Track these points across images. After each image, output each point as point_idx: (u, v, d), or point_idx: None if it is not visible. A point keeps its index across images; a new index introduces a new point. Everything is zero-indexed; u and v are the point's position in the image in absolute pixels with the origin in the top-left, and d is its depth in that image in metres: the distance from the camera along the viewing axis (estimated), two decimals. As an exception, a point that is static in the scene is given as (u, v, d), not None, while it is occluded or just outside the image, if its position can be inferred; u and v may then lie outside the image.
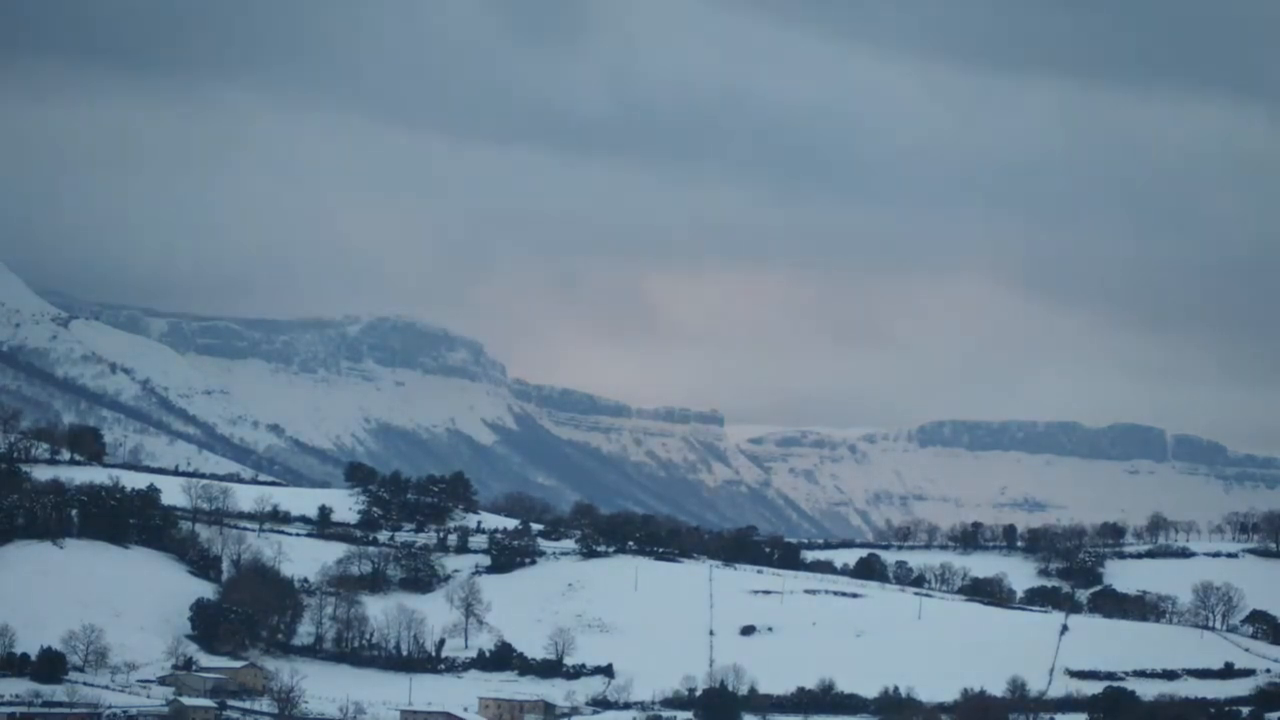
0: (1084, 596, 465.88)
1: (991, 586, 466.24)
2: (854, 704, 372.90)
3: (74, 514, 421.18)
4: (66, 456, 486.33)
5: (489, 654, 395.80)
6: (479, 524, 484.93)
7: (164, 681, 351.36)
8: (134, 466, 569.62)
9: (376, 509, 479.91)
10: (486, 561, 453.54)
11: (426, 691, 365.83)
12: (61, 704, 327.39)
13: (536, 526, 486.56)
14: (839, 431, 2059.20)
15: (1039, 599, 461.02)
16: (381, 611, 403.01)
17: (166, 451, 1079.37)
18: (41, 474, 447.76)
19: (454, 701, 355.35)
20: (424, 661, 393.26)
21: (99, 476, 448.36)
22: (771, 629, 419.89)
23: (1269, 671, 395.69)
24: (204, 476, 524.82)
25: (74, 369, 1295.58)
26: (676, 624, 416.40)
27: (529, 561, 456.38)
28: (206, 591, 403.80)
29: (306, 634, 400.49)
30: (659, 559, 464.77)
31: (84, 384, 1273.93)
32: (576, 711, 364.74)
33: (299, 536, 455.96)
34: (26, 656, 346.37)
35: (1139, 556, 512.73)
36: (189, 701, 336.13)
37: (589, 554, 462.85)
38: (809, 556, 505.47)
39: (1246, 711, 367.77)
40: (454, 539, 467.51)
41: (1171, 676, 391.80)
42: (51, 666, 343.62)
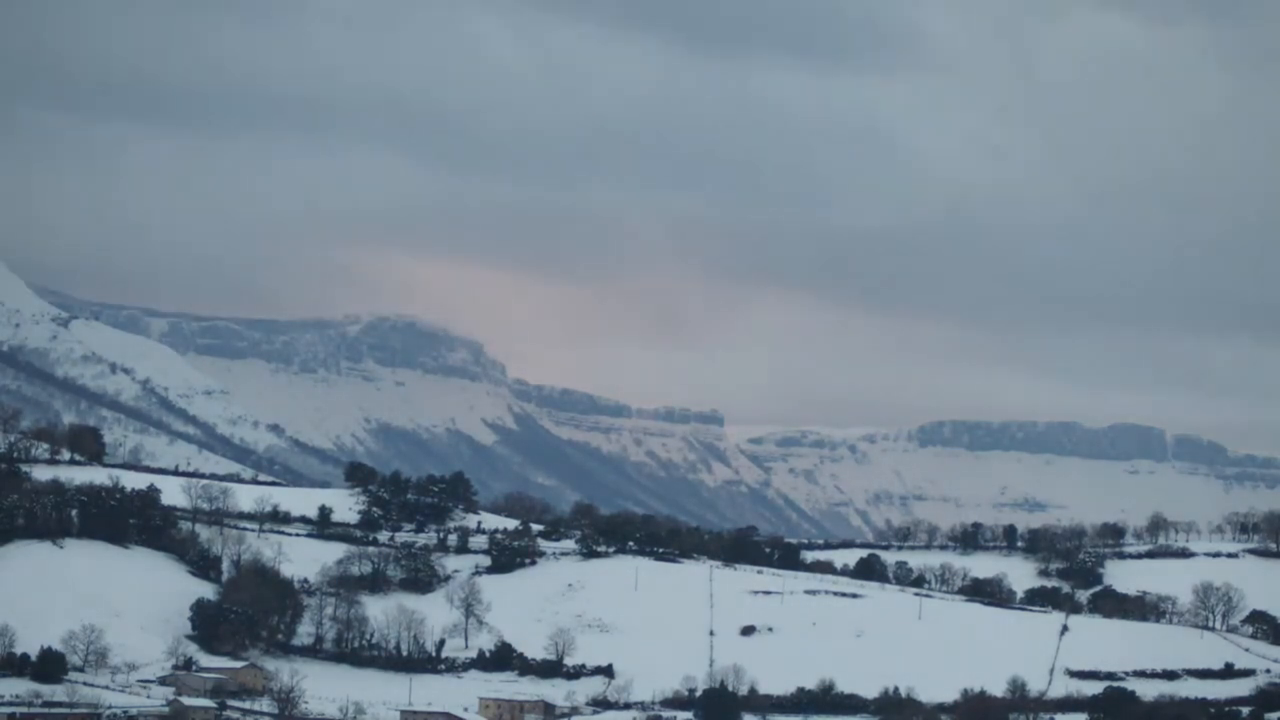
0: (1084, 597, 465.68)
1: (991, 587, 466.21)
2: (854, 704, 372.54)
3: (74, 514, 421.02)
4: (66, 456, 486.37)
5: (489, 654, 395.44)
6: (479, 524, 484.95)
7: (164, 681, 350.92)
8: (134, 466, 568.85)
9: (376, 509, 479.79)
10: (486, 562, 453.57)
11: (426, 692, 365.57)
12: (61, 704, 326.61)
13: (536, 527, 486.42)
14: (839, 431, 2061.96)
15: (1039, 599, 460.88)
16: (381, 612, 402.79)
17: (166, 451, 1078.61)
18: (41, 474, 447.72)
19: (454, 702, 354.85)
20: (424, 662, 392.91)
21: (99, 476, 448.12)
22: (771, 629, 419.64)
23: (1269, 671, 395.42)
24: (204, 476, 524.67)
25: (74, 369, 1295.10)
26: (676, 624, 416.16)
27: (529, 562, 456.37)
28: (206, 592, 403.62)
29: (306, 634, 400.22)
30: (659, 559, 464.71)
31: (84, 384, 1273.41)
32: (576, 712, 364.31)
33: (299, 537, 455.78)
34: (26, 656, 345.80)
35: (1139, 556, 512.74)
36: (189, 702, 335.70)
37: (589, 554, 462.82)
38: (809, 557, 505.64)
39: (1246, 712, 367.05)
40: (454, 539, 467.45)
41: (1171, 676, 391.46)
42: (51, 666, 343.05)
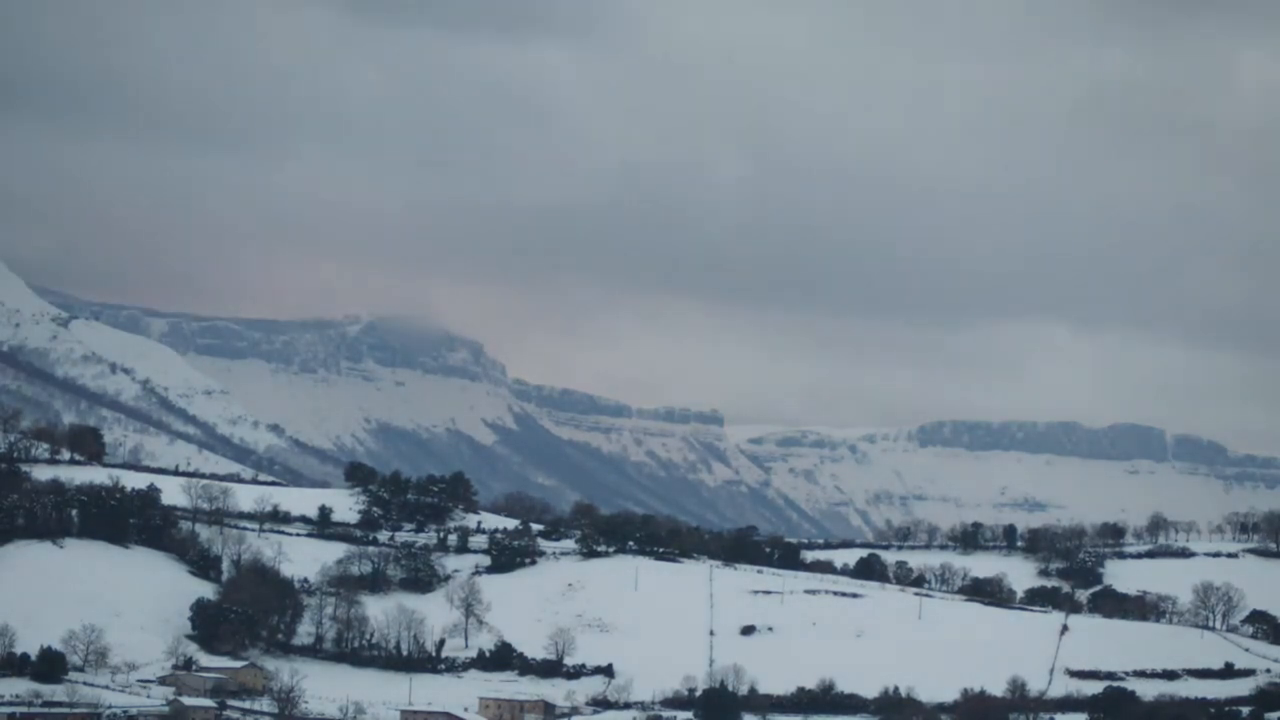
0: (1084, 596, 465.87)
1: (991, 586, 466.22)
2: (854, 704, 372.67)
3: (74, 514, 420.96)
4: (66, 456, 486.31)
5: (489, 654, 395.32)
6: (479, 524, 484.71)
7: (164, 681, 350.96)
8: (134, 466, 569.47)
9: (376, 509, 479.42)
10: (486, 561, 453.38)
11: (426, 691, 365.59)
12: (61, 704, 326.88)
13: (536, 526, 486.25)
14: (839, 431, 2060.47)
15: (1039, 599, 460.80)
16: (381, 611, 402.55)
17: (166, 451, 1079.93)
18: (41, 474, 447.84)
19: (454, 701, 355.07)
20: (424, 661, 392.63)
21: (99, 476, 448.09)
22: (771, 629, 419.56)
23: (1269, 671, 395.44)
24: (204, 476, 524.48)
25: (74, 369, 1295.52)
26: (676, 624, 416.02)
27: (529, 561, 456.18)
28: (206, 591, 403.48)
29: (306, 634, 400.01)
30: (659, 559, 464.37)
31: (84, 384, 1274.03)
32: (576, 711, 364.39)
33: (299, 536, 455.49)
34: (26, 656, 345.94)
35: (1139, 556, 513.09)
36: (189, 701, 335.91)
37: (589, 554, 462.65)
38: (809, 556, 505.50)
39: (1246, 711, 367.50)
40: (454, 539, 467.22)
41: (1171, 676, 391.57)
42: (51, 666, 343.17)
